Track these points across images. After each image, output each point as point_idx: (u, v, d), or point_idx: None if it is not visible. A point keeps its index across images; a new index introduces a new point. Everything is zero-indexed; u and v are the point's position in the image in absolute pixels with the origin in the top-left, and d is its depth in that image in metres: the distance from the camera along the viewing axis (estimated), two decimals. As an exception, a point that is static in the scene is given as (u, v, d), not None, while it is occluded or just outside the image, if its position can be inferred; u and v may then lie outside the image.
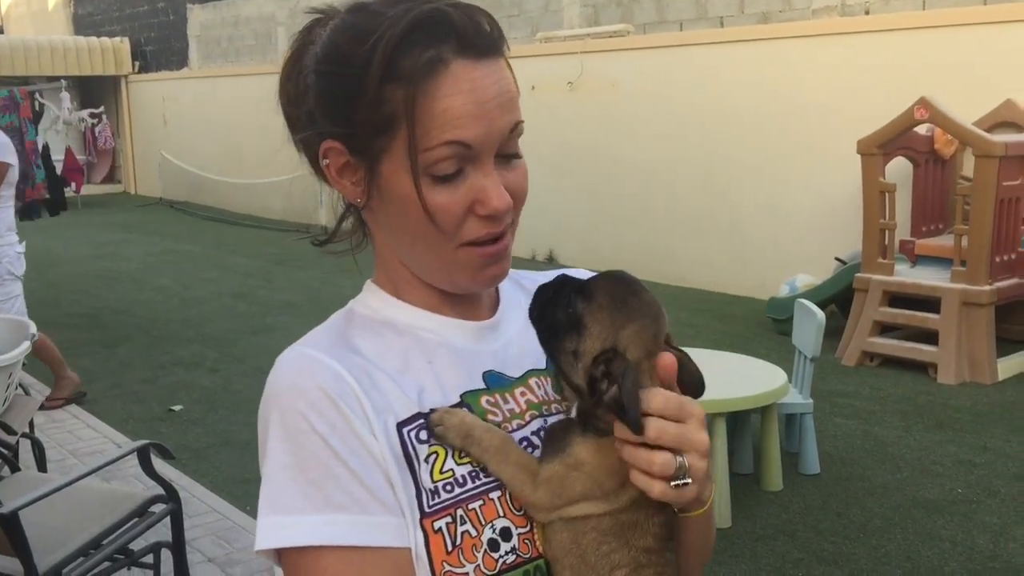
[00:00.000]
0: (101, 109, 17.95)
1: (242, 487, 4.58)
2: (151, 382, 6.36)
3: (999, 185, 5.96)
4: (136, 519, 3.14)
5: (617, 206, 9.38)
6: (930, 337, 6.20)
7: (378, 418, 0.92)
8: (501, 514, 0.92)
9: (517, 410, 0.99)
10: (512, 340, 1.03)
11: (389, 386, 0.95)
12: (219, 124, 15.82)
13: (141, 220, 15.05)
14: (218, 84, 16.04)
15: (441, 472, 0.92)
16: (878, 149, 6.41)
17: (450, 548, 0.90)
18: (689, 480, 0.88)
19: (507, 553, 0.91)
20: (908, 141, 6.62)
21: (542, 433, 0.97)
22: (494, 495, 0.93)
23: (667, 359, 0.92)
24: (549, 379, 1.03)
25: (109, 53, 18.20)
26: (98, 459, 3.64)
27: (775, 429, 4.39)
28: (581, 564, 0.91)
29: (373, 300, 1.06)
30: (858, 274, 6.59)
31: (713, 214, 8.82)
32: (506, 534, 0.92)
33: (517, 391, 1.00)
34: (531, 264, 9.74)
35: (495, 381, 1.00)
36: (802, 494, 4.39)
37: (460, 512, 0.91)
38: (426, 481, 0.91)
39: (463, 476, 0.92)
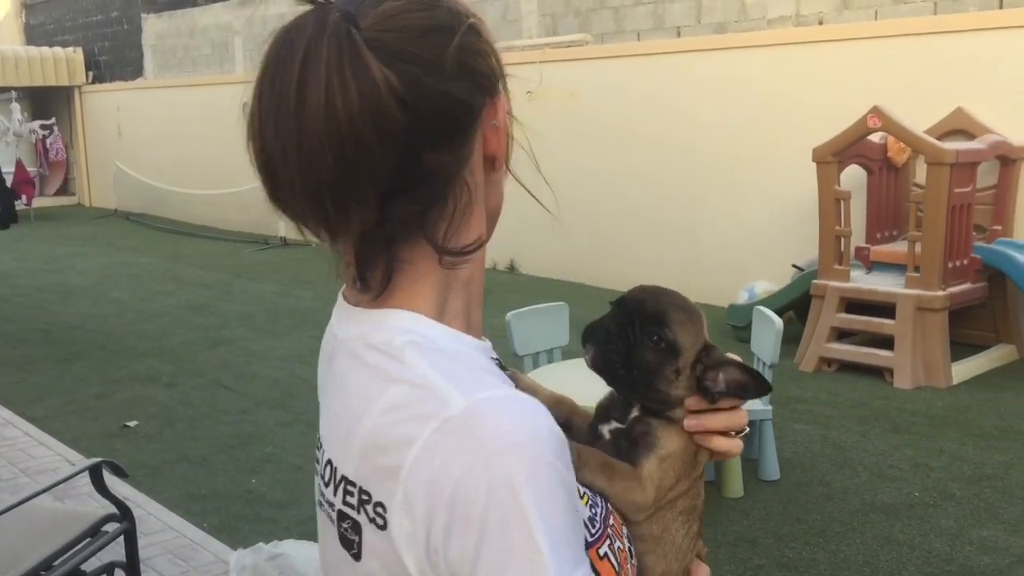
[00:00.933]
0: (52, 120, 17.68)
1: (199, 503, 4.51)
2: (106, 398, 6.25)
3: (951, 192, 6.05)
4: (89, 539, 3.08)
5: (577, 215, 9.41)
6: (886, 342, 6.28)
7: None
8: (622, 522, 0.95)
9: None
10: None
11: None
12: (175, 135, 15.65)
13: (96, 233, 14.82)
14: (174, 94, 15.86)
15: (581, 497, 0.88)
16: (833, 157, 6.49)
17: (617, 569, 0.89)
18: (744, 431, 1.00)
19: (633, 557, 0.94)
20: (862, 149, 6.71)
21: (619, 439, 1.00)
22: (608, 505, 0.94)
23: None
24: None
25: (62, 63, 17.94)
26: (50, 477, 3.56)
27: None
28: (670, 546, 0.98)
29: (426, 331, 0.86)
30: (815, 281, 6.66)
31: (672, 222, 8.87)
32: (630, 538, 0.95)
33: None
34: (492, 274, 9.73)
35: None
36: (763, 500, 4.41)
37: (610, 532, 0.90)
38: (583, 511, 0.86)
39: (593, 497, 0.92)
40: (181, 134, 15.49)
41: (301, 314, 8.66)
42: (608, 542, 0.89)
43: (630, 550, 0.93)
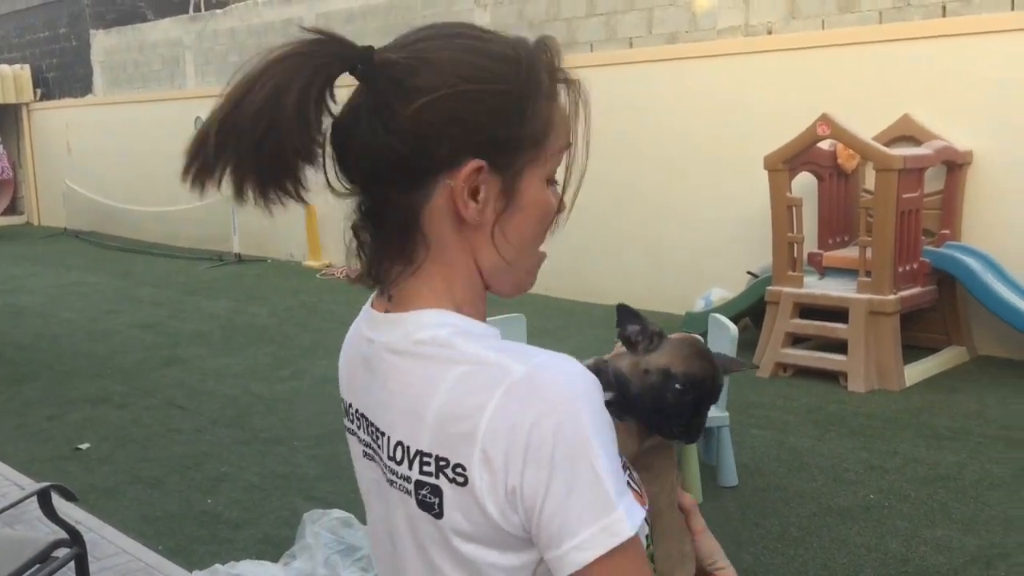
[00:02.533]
0: None
1: (153, 526, 4.44)
2: (57, 419, 6.13)
3: (899, 197, 6.15)
4: (38, 565, 3.00)
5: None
6: (840, 347, 6.36)
7: None
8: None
9: None
10: None
11: None
12: (126, 151, 15.43)
13: (45, 252, 14.55)
14: (125, 111, 15.65)
15: None
16: (784, 165, 6.57)
17: (640, 492, 1.06)
18: None
19: (639, 485, 1.07)
20: (812, 156, 6.80)
21: None
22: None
23: None
24: None
25: (9, 81, 17.62)
26: (-3, 504, 3.48)
27: (694, 445, 4.43)
28: (660, 474, 1.13)
29: (457, 322, 1.02)
30: (769, 287, 6.73)
31: (627, 232, 8.92)
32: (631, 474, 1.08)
33: None
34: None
35: None
36: (721, 506, 4.44)
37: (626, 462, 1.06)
38: None
39: None
40: (132, 151, 15.28)
41: (256, 331, 8.57)
42: (629, 472, 1.05)
43: (637, 480, 1.08)
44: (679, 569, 1.12)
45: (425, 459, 0.97)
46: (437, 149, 0.97)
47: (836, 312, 6.43)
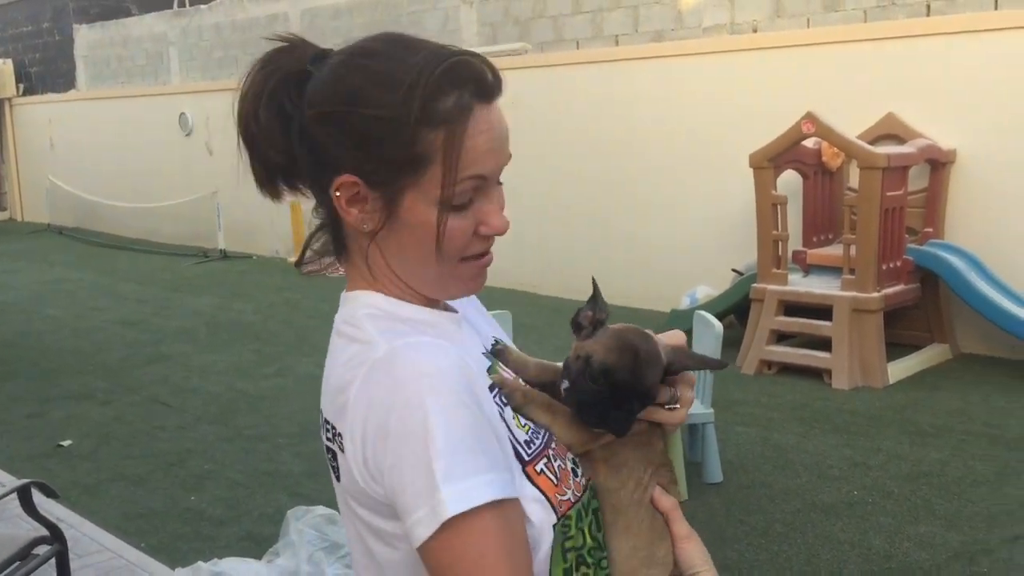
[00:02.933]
0: (-18, 133, 17.24)
1: (136, 523, 4.41)
2: (39, 417, 6.09)
3: (883, 195, 6.18)
4: (19, 562, 2.98)
5: (518, 222, 9.41)
6: (824, 344, 6.38)
7: (482, 387, 1.07)
8: (564, 450, 1.12)
9: (513, 377, 1.16)
10: (467, 327, 1.19)
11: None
12: (110, 147, 15.34)
13: (28, 248, 14.45)
14: (108, 106, 15.55)
15: (521, 424, 1.09)
16: (768, 163, 6.59)
17: (555, 481, 1.07)
18: (677, 405, 1.12)
19: (581, 476, 1.11)
20: (797, 154, 6.82)
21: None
22: (554, 438, 1.12)
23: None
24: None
25: (-9, 75, 17.50)
26: (-23, 501, 3.45)
27: (678, 439, 4.44)
28: (624, 469, 1.12)
29: (382, 303, 1.12)
30: (754, 284, 6.75)
31: (613, 228, 8.93)
32: (575, 462, 1.12)
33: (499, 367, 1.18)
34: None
35: (489, 359, 1.16)
36: (706, 503, 4.45)
37: (551, 452, 1.09)
38: (519, 435, 1.07)
39: (531, 428, 1.10)
40: (116, 146, 15.19)
41: (241, 327, 8.53)
42: (546, 461, 1.07)
43: (573, 470, 1.10)
44: (642, 570, 1.10)
45: (327, 426, 1.10)
46: (323, 157, 1.07)
47: (820, 310, 6.45)
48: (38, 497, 3.18)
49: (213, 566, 3.66)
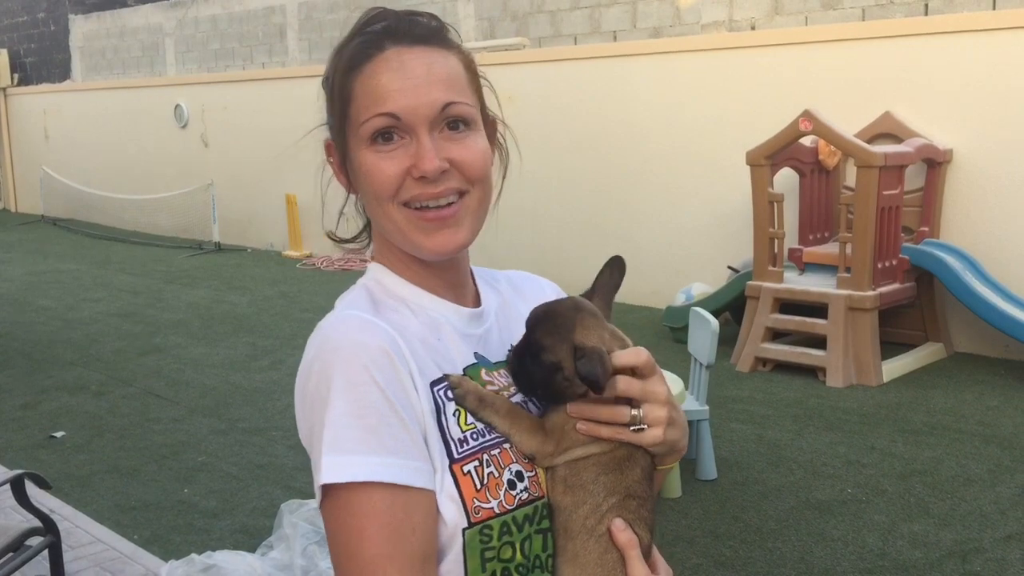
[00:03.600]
0: (-23, 123, 17.16)
1: (129, 515, 4.40)
2: (32, 408, 6.06)
3: (879, 194, 6.18)
4: (11, 554, 2.97)
5: (514, 217, 9.42)
6: (819, 342, 6.38)
7: (420, 376, 1.07)
8: (515, 460, 1.09)
9: (502, 385, 1.15)
10: (491, 329, 1.21)
11: (421, 351, 1.10)
12: (105, 138, 15.29)
13: (22, 239, 14.40)
14: (103, 97, 15.50)
15: (467, 424, 1.08)
16: (766, 160, 6.58)
17: (478, 487, 1.06)
18: (645, 426, 1.08)
19: (521, 491, 1.08)
20: (794, 152, 6.82)
21: (527, 403, 1.15)
22: (506, 445, 1.10)
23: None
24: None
25: (-15, 65, 17.43)
26: (-30, 491, 3.43)
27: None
28: (581, 492, 1.07)
29: (383, 277, 1.17)
30: (750, 282, 6.75)
31: (609, 224, 8.92)
32: (520, 476, 1.09)
33: (496, 373, 1.16)
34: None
35: (482, 361, 1.16)
36: (700, 500, 4.45)
37: (485, 457, 1.07)
38: (455, 432, 1.07)
39: (482, 428, 1.09)
40: (110, 137, 15.14)
41: (236, 320, 8.51)
42: (476, 464, 1.07)
43: (511, 482, 1.08)
44: None
45: None
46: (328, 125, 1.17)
47: (816, 307, 6.45)
48: (31, 488, 3.17)
49: (207, 558, 3.65)
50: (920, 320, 6.88)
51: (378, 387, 1.02)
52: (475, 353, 1.16)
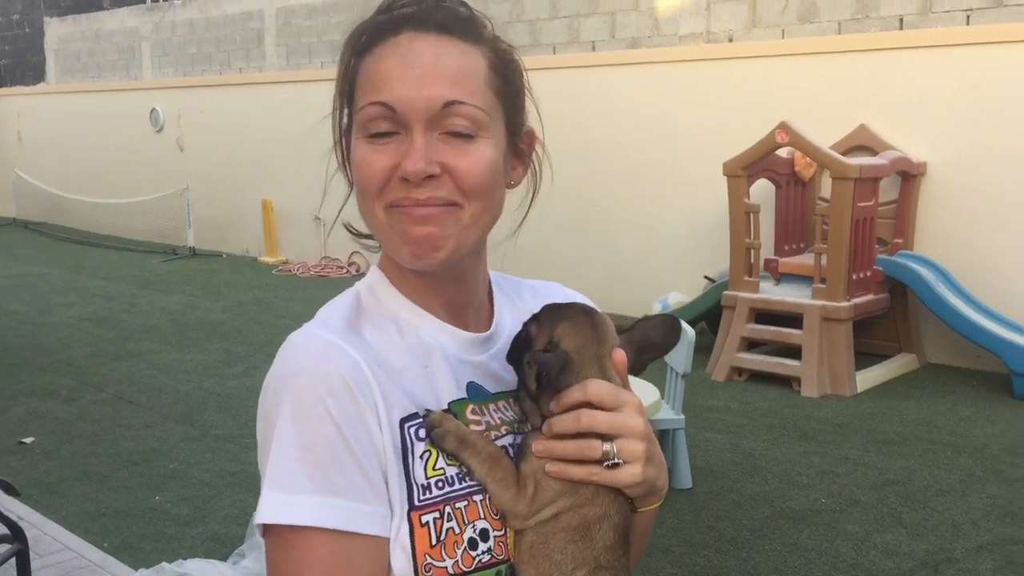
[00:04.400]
0: (-51, 125, 16.95)
1: (99, 522, 4.34)
2: (0, 413, 5.98)
3: (854, 206, 6.23)
4: (-23, 562, 2.92)
5: (495, 227, 9.41)
6: (794, 352, 6.42)
7: (385, 412, 0.96)
8: (482, 516, 0.98)
9: (493, 423, 1.04)
10: (496, 355, 1.08)
11: (394, 382, 0.99)
12: (79, 142, 15.15)
13: (-7, 242, 14.24)
14: (78, 100, 15.36)
15: (434, 469, 0.98)
16: (742, 171, 6.62)
17: (434, 542, 0.96)
18: (620, 461, 0.96)
19: (483, 552, 0.98)
20: (770, 163, 6.86)
21: (514, 446, 1.04)
22: (477, 497, 0.99)
23: (618, 354, 1.01)
24: (515, 402, 1.08)
25: (-42, 66, 17.23)
26: (-65, 498, 3.38)
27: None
28: (547, 563, 0.96)
29: (378, 286, 1.07)
30: (726, 292, 6.77)
31: (587, 234, 8.93)
32: (484, 535, 0.98)
33: (491, 406, 1.05)
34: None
35: (475, 393, 1.05)
36: (675, 509, 4.45)
37: (448, 509, 0.97)
38: (419, 476, 0.97)
39: (452, 476, 0.98)
40: (85, 141, 15.01)
41: (210, 326, 8.44)
42: (436, 515, 0.97)
43: (472, 540, 0.98)
44: None
45: None
46: None
47: (791, 318, 6.49)
48: (-2, 495, 3.12)
49: (177, 567, 3.61)
50: (894, 331, 6.93)
51: (333, 421, 0.93)
52: (470, 383, 1.05)
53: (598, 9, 9.08)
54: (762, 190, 7.06)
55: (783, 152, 6.89)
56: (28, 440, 5.45)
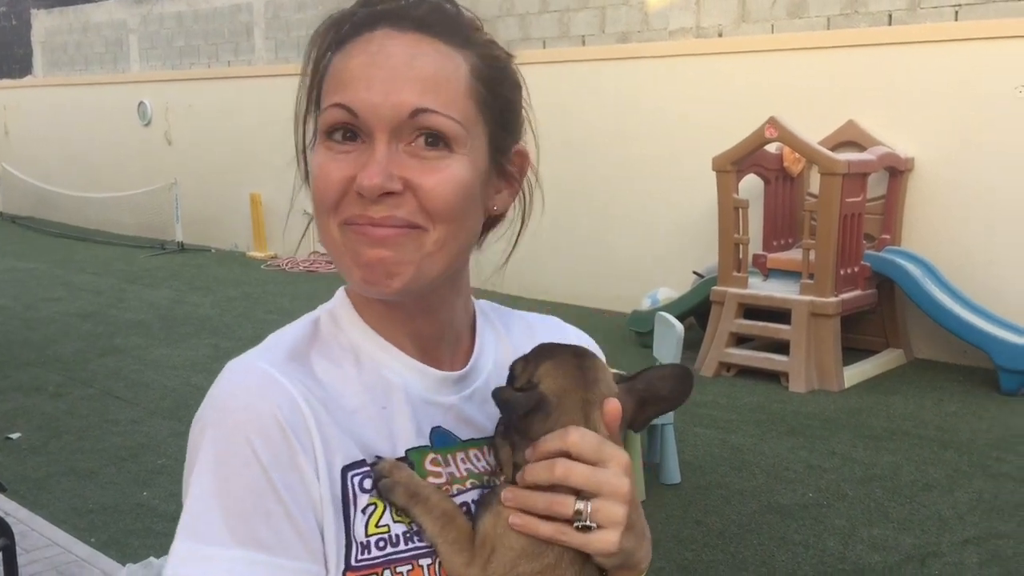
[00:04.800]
0: (-66, 118, 16.84)
1: (86, 518, 4.33)
2: (-13, 408, 5.96)
3: (842, 201, 6.24)
4: (-37, 558, 2.91)
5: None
6: (782, 347, 6.43)
7: (325, 457, 0.85)
8: None
9: (457, 475, 0.92)
10: (479, 391, 0.97)
11: (340, 424, 0.88)
12: (67, 135, 15.07)
13: (-21, 236, 14.16)
14: (65, 93, 15.28)
15: (377, 526, 0.86)
16: (731, 166, 6.63)
17: None
18: (593, 525, 0.83)
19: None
20: (759, 159, 6.87)
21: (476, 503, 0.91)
22: (424, 561, 0.86)
23: (610, 404, 0.88)
24: (489, 450, 0.96)
25: (-57, 59, 17.11)
26: (-79, 494, 3.36)
27: (637, 441, 4.44)
28: None
29: (343, 313, 0.95)
30: (714, 287, 6.79)
31: (576, 229, 8.94)
32: None
33: (459, 455, 0.93)
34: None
35: (440, 440, 0.93)
36: (663, 504, 4.46)
37: (387, 573, 0.85)
38: (359, 533, 0.85)
39: (398, 536, 0.86)
40: (72, 134, 14.94)
41: (198, 321, 8.42)
42: (391, 573, 0.85)
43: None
44: None
45: None
46: None
47: (779, 313, 6.51)
48: (-15, 491, 3.11)
49: (165, 562, 3.59)
50: (881, 326, 6.96)
51: (260, 465, 0.82)
52: (435, 429, 0.93)
53: (588, 3, 9.07)
54: (751, 185, 7.07)
55: (772, 147, 6.90)
56: (15, 436, 5.43)
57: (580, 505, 0.83)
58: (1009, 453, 5.10)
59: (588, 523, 0.83)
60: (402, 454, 0.90)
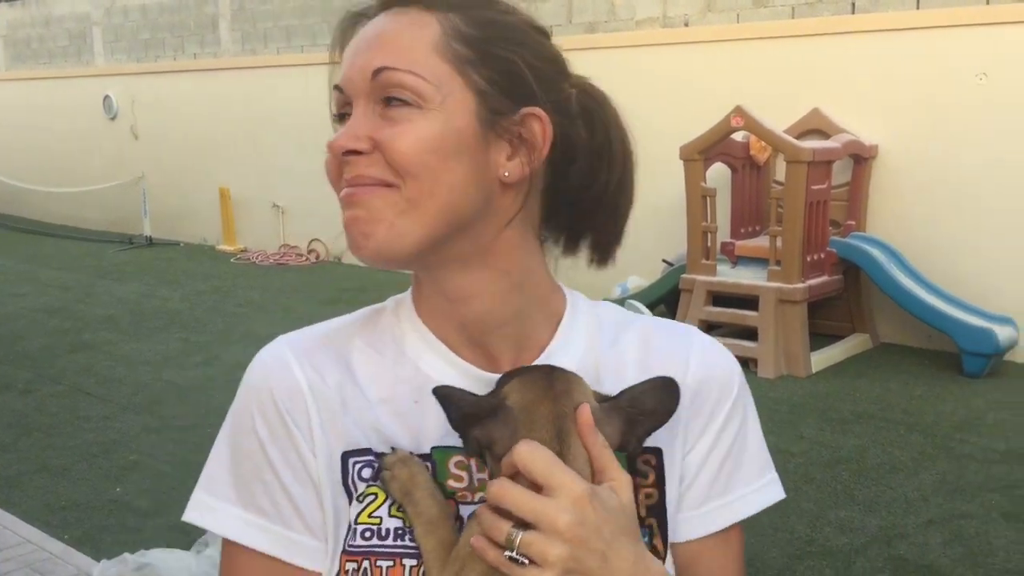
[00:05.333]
0: None
1: (59, 515, 4.32)
2: (-45, 407, 5.91)
3: (808, 189, 6.32)
4: (-65, 557, 2.90)
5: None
6: (751, 334, 6.51)
7: (324, 440, 0.89)
8: None
9: (486, 479, 0.87)
10: None
11: (353, 412, 0.90)
12: (31, 130, 14.88)
13: (-57, 233, 13.96)
14: (29, 87, 15.08)
15: (370, 517, 0.88)
16: (699, 155, 6.69)
17: None
18: (525, 561, 0.76)
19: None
20: (726, 148, 6.93)
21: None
22: (408, 562, 0.86)
23: (581, 409, 0.82)
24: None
25: (-98, 53, 16.81)
26: None
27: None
28: None
29: (403, 304, 0.98)
30: (684, 275, 6.85)
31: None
32: None
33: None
34: (374, 274, 9.62)
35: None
36: (635, 490, 4.51)
37: (366, 564, 0.86)
38: (352, 519, 0.89)
39: (388, 530, 0.87)
40: (37, 129, 14.74)
41: (168, 315, 8.37)
42: (355, 566, 0.87)
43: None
44: None
45: None
46: None
47: (747, 300, 6.58)
48: (-44, 489, 3.09)
49: (140, 557, 3.60)
50: (847, 312, 7.06)
51: (258, 439, 0.91)
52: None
53: (555, -6, 9.08)
54: (718, 174, 7.13)
55: (739, 136, 6.96)
56: (-16, 434, 5.39)
57: (512, 532, 0.76)
58: (972, 435, 5.20)
59: (515, 556, 0.76)
60: (427, 451, 0.89)
